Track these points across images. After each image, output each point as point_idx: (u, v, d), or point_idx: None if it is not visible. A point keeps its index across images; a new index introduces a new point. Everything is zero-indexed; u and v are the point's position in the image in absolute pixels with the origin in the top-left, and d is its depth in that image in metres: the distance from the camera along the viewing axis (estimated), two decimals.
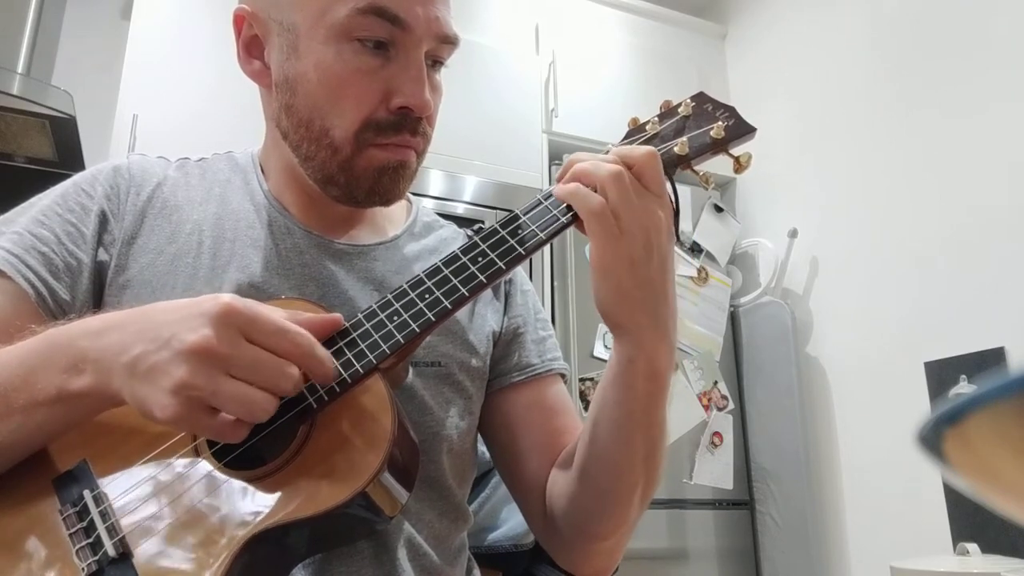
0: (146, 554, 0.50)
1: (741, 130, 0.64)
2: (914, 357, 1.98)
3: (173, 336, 0.48)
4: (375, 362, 0.55)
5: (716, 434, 2.24)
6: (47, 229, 0.65)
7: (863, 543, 2.10)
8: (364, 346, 0.56)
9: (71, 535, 0.51)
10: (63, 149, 1.91)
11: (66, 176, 0.72)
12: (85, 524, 0.51)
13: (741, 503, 2.26)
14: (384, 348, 0.56)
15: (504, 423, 0.75)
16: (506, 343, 0.77)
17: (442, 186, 2.12)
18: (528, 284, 0.83)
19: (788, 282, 2.45)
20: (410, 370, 0.67)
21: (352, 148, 0.65)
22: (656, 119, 0.66)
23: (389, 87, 0.64)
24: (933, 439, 0.19)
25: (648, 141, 0.65)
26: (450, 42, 0.68)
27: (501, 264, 0.58)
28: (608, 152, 0.61)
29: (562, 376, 0.79)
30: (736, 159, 0.64)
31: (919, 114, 2.09)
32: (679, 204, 0.62)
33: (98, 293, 0.66)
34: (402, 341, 0.56)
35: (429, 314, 0.57)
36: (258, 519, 0.51)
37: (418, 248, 0.77)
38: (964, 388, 1.85)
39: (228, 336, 0.48)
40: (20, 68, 1.93)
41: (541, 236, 0.59)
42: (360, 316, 0.58)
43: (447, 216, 0.89)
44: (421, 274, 0.59)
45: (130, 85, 1.89)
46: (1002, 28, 1.90)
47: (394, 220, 0.80)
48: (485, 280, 0.58)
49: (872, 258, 2.18)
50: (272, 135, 0.73)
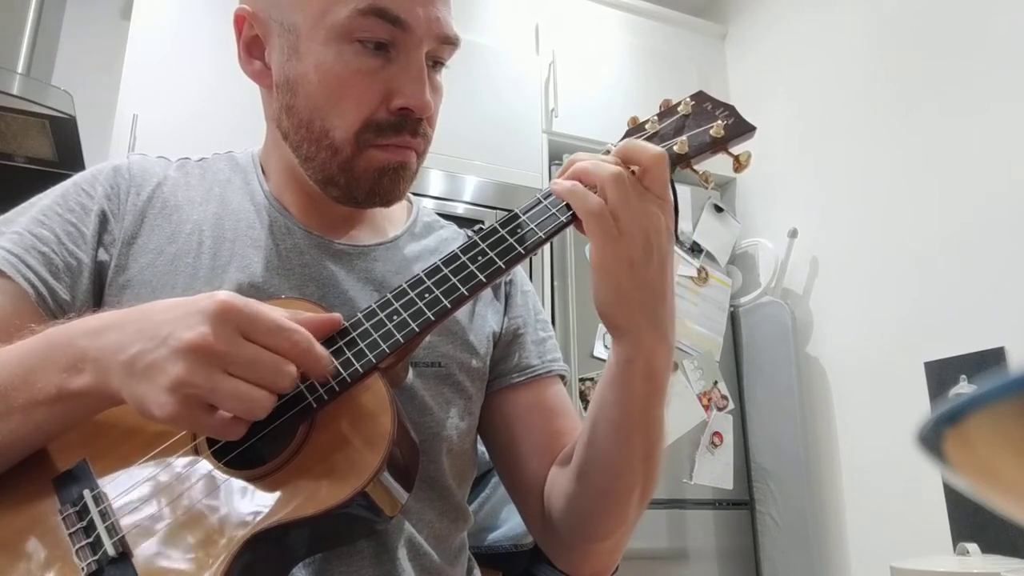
0: (146, 554, 0.50)
1: (741, 129, 0.63)
2: (914, 357, 1.98)
3: (170, 334, 0.48)
4: (375, 361, 0.55)
5: (716, 434, 2.24)
6: (47, 229, 0.65)
7: (863, 543, 2.10)
8: (364, 345, 0.56)
9: (71, 535, 0.51)
10: (63, 149, 1.91)
11: (66, 176, 0.72)
12: (85, 524, 0.51)
13: (741, 503, 2.26)
14: (384, 347, 0.56)
15: (503, 424, 0.75)
16: (506, 344, 0.77)
17: (442, 186, 2.12)
18: (528, 285, 0.83)
19: (788, 282, 2.44)
20: (410, 370, 0.66)
21: (352, 149, 0.65)
22: (655, 118, 0.66)
23: (389, 88, 0.64)
24: (933, 439, 0.19)
25: (647, 140, 0.65)
26: (451, 43, 0.68)
27: (501, 263, 0.58)
28: (609, 152, 0.61)
29: (562, 377, 0.79)
30: (736, 158, 0.63)
31: (919, 114, 2.09)
32: (678, 204, 0.62)
33: (98, 293, 0.66)
34: (401, 341, 0.56)
35: (428, 313, 0.57)
36: (258, 519, 0.51)
37: (418, 248, 0.77)
38: (964, 388, 1.85)
39: (225, 333, 0.48)
40: (20, 68, 1.93)
41: (541, 235, 0.59)
42: (360, 316, 0.58)
43: (447, 216, 0.89)
44: (420, 273, 0.59)
45: (130, 85, 1.89)
46: (1002, 28, 1.90)
47: (394, 220, 0.80)
48: (485, 279, 0.58)
49: (872, 258, 2.18)
50: (272, 135, 0.73)
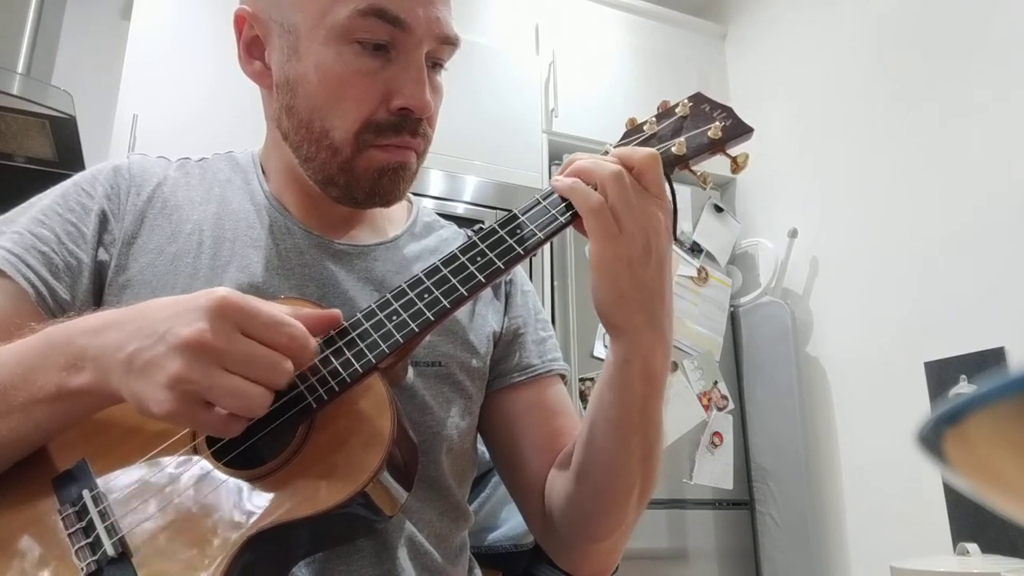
0: (145, 554, 0.50)
1: (738, 130, 0.63)
2: (914, 357, 1.98)
3: (168, 331, 0.48)
4: (374, 362, 0.55)
5: (716, 434, 2.24)
6: (47, 229, 0.65)
7: (863, 543, 2.10)
8: (363, 346, 0.56)
9: (70, 535, 0.51)
10: (63, 149, 1.91)
11: (66, 176, 0.72)
12: (84, 524, 0.51)
13: (741, 503, 2.26)
14: (383, 348, 0.56)
15: (504, 423, 0.75)
16: (506, 343, 0.77)
17: (442, 186, 2.12)
18: (528, 285, 0.83)
19: (788, 282, 2.44)
20: (410, 370, 0.66)
21: (352, 149, 0.65)
22: (654, 119, 0.66)
23: (389, 88, 0.64)
24: (933, 439, 0.19)
25: (646, 141, 0.65)
26: (451, 43, 0.68)
27: (500, 264, 0.58)
28: (607, 152, 0.61)
29: (562, 377, 0.79)
30: (733, 159, 0.63)
31: (919, 114, 2.09)
32: (677, 204, 0.62)
33: (98, 293, 0.66)
34: (401, 341, 0.56)
35: (428, 314, 0.57)
36: (257, 519, 0.51)
37: (418, 248, 0.77)
38: (964, 388, 1.85)
39: (223, 329, 0.48)
40: (20, 68, 1.93)
41: (540, 236, 0.59)
42: (359, 316, 0.58)
43: (447, 216, 0.89)
44: (420, 274, 0.59)
45: (130, 85, 1.89)
46: (1002, 28, 1.90)
47: (394, 220, 0.80)
48: (484, 280, 0.58)
49: (872, 258, 2.18)
50: (272, 136, 0.73)
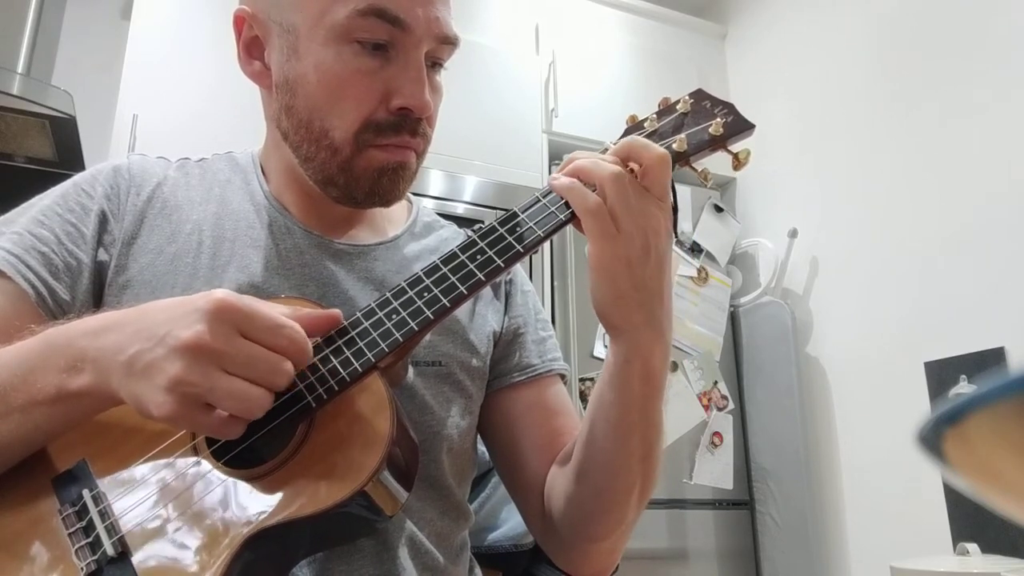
0: (145, 553, 0.50)
1: (740, 126, 0.63)
2: (914, 357, 1.98)
3: (168, 333, 0.48)
4: (373, 361, 0.55)
5: (716, 434, 2.24)
6: (47, 229, 0.65)
7: (863, 543, 2.10)
8: (363, 344, 0.56)
9: (70, 535, 0.51)
10: (63, 149, 1.91)
11: (66, 176, 0.72)
12: (84, 524, 0.51)
13: (741, 503, 2.26)
14: (383, 347, 0.55)
15: (504, 423, 0.75)
16: (506, 343, 0.77)
17: (442, 186, 2.12)
18: (528, 284, 0.83)
19: (788, 282, 2.44)
20: (410, 369, 0.66)
21: (352, 149, 0.65)
22: (654, 116, 0.66)
23: (389, 88, 0.64)
24: (933, 439, 0.19)
25: (646, 138, 0.65)
26: (450, 43, 0.67)
27: (500, 262, 0.58)
28: (608, 150, 0.61)
29: (562, 376, 0.79)
30: (735, 156, 0.63)
31: (919, 114, 2.09)
32: (678, 204, 0.62)
33: (98, 293, 0.66)
34: (401, 340, 0.56)
35: (428, 312, 0.57)
36: (257, 518, 0.51)
37: (418, 248, 0.77)
38: (964, 388, 1.85)
39: (223, 332, 0.48)
40: (20, 68, 1.93)
41: (539, 234, 0.59)
42: (359, 315, 0.57)
43: (447, 216, 0.89)
44: (420, 272, 0.59)
45: (130, 85, 1.89)
46: (1002, 28, 1.90)
47: (394, 220, 0.80)
48: (484, 278, 0.58)
49: (872, 258, 2.18)
50: (272, 136, 0.73)
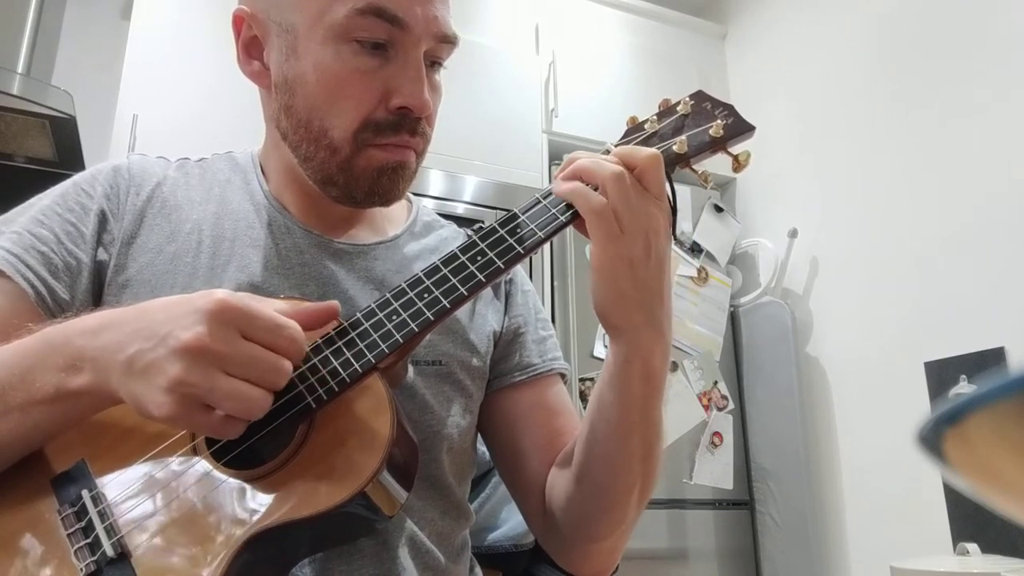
0: (145, 554, 0.50)
1: (740, 128, 0.63)
2: (914, 357, 1.98)
3: (168, 334, 0.48)
4: (374, 362, 0.55)
5: (716, 434, 2.24)
6: (46, 229, 0.65)
7: (863, 543, 2.10)
8: (363, 345, 0.56)
9: (69, 535, 0.51)
10: (63, 149, 1.91)
11: (66, 176, 0.72)
12: (83, 524, 0.51)
13: (741, 503, 2.26)
14: (383, 347, 0.55)
15: (505, 423, 0.75)
16: (507, 343, 0.77)
17: (442, 186, 2.12)
18: (528, 284, 0.83)
19: (788, 282, 2.44)
20: (410, 369, 0.66)
21: (351, 148, 0.65)
22: (655, 118, 0.66)
23: (388, 87, 0.64)
24: (933, 439, 0.19)
25: (647, 140, 0.65)
26: (449, 42, 0.67)
27: (500, 263, 0.58)
28: (608, 152, 0.61)
29: (562, 376, 0.79)
30: (735, 158, 0.63)
31: (919, 114, 2.09)
32: (677, 204, 0.62)
33: (97, 293, 0.66)
34: (401, 340, 0.56)
35: (428, 313, 0.57)
36: (257, 519, 0.51)
37: (418, 248, 0.77)
38: (964, 388, 1.85)
39: (223, 333, 0.48)
40: (20, 68, 1.93)
41: (540, 235, 0.59)
42: (359, 315, 0.57)
43: (447, 216, 0.89)
44: (420, 273, 0.59)
45: (130, 85, 1.89)
46: (1002, 28, 1.90)
47: (394, 220, 0.80)
48: (484, 279, 0.58)
49: (872, 258, 2.18)
50: (272, 135, 0.73)
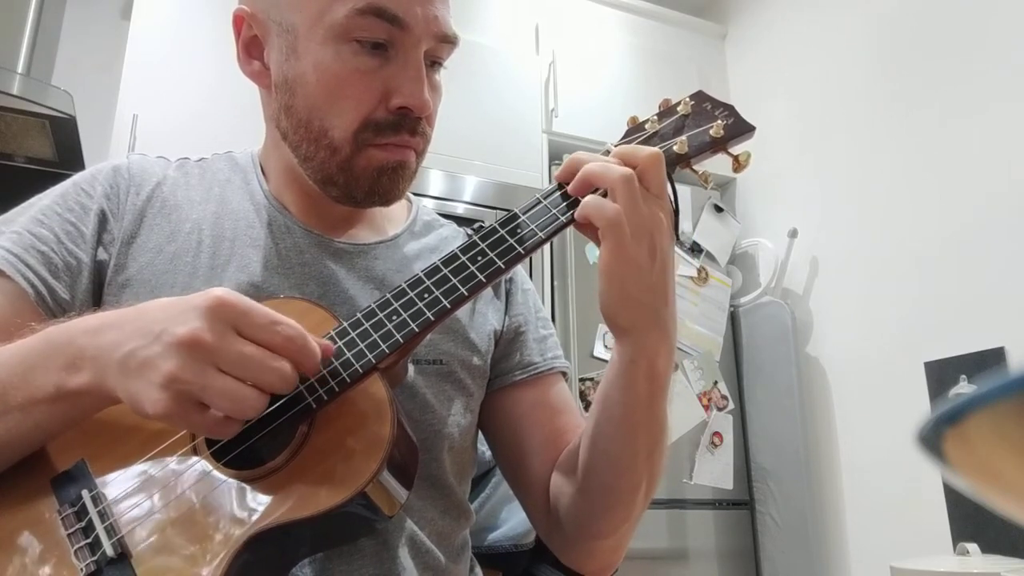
0: (145, 554, 0.50)
1: (740, 129, 0.63)
2: (914, 357, 1.98)
3: (164, 330, 0.48)
4: (374, 361, 0.55)
5: (716, 434, 2.24)
6: (47, 228, 0.66)
7: (863, 543, 2.10)
8: (363, 346, 0.56)
9: (69, 535, 0.51)
10: (63, 149, 1.91)
11: (66, 176, 0.72)
12: (83, 524, 0.51)
13: (741, 503, 2.26)
14: (383, 348, 0.55)
15: (507, 422, 0.75)
16: (508, 342, 0.77)
17: (442, 186, 2.12)
18: (528, 283, 0.83)
19: (788, 282, 2.44)
20: (410, 368, 0.66)
21: (351, 148, 0.65)
22: (655, 118, 0.66)
23: (388, 87, 0.64)
24: (933, 439, 0.19)
25: (647, 140, 0.65)
26: (449, 42, 0.67)
27: (500, 263, 0.58)
28: (608, 152, 0.61)
29: (563, 374, 0.79)
30: (735, 158, 0.63)
31: (919, 114, 2.09)
32: (679, 204, 0.62)
33: (97, 292, 0.66)
34: (401, 341, 0.56)
35: (428, 313, 0.57)
36: (256, 519, 0.51)
37: (418, 247, 0.77)
38: (964, 388, 1.85)
39: (218, 329, 0.48)
40: (20, 68, 1.93)
41: (540, 235, 0.59)
42: (359, 316, 0.57)
43: (447, 216, 0.89)
44: (420, 273, 0.59)
45: (130, 85, 1.89)
46: (1002, 28, 1.90)
47: (394, 219, 0.80)
48: (484, 279, 0.58)
49: (872, 258, 2.18)
50: (272, 135, 0.73)
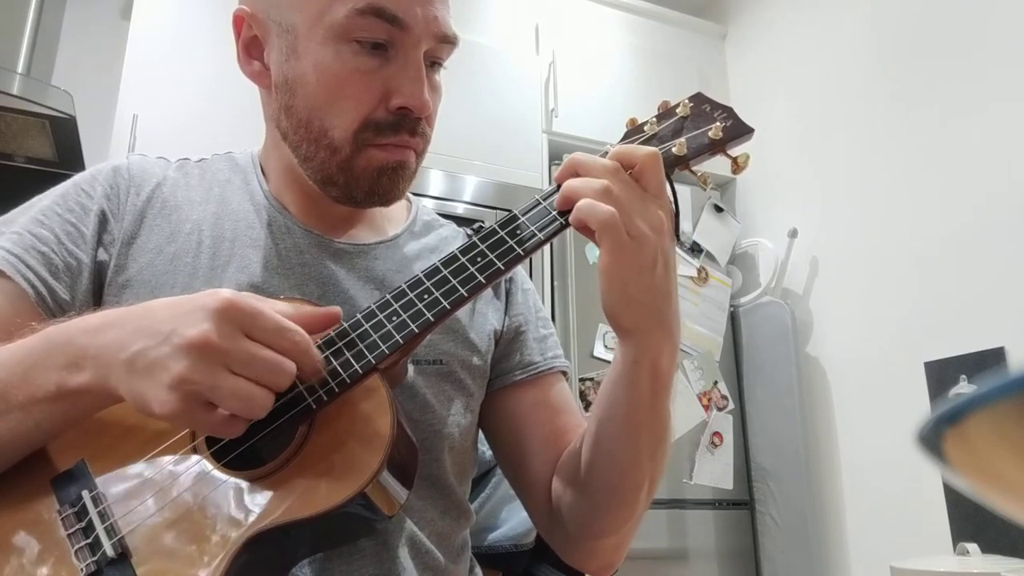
0: (145, 554, 0.50)
1: (739, 131, 0.63)
2: (914, 357, 1.98)
3: (173, 331, 0.48)
4: (374, 363, 0.55)
5: (716, 434, 2.24)
6: (47, 229, 0.66)
7: (863, 543, 2.10)
8: (363, 346, 0.56)
9: (69, 535, 0.51)
10: (63, 149, 1.91)
11: (66, 176, 0.72)
12: (84, 524, 0.51)
13: (741, 503, 2.26)
14: (383, 348, 0.56)
15: (508, 422, 0.75)
16: (508, 342, 0.77)
17: (442, 186, 2.12)
18: (528, 283, 0.83)
19: (788, 282, 2.44)
20: (410, 369, 0.66)
21: (351, 148, 0.65)
22: (654, 120, 0.66)
23: (388, 87, 0.64)
24: (933, 439, 0.19)
25: (646, 142, 0.65)
26: (449, 42, 0.68)
27: (500, 265, 0.58)
28: (606, 153, 0.61)
29: (564, 373, 0.79)
30: (734, 160, 0.63)
31: (919, 114, 2.09)
32: (679, 205, 0.62)
33: (98, 293, 0.67)
34: (401, 341, 0.56)
35: (428, 314, 0.57)
36: (256, 519, 0.51)
37: (418, 247, 0.77)
38: (964, 388, 1.85)
39: (228, 331, 0.48)
40: (20, 68, 1.93)
41: (540, 237, 0.59)
42: (359, 316, 0.58)
43: (447, 216, 0.89)
44: (420, 274, 0.59)
45: (130, 85, 1.89)
46: (1002, 28, 1.90)
47: (394, 219, 0.80)
48: (484, 280, 0.58)
49: (872, 258, 2.18)
50: (272, 136, 0.73)
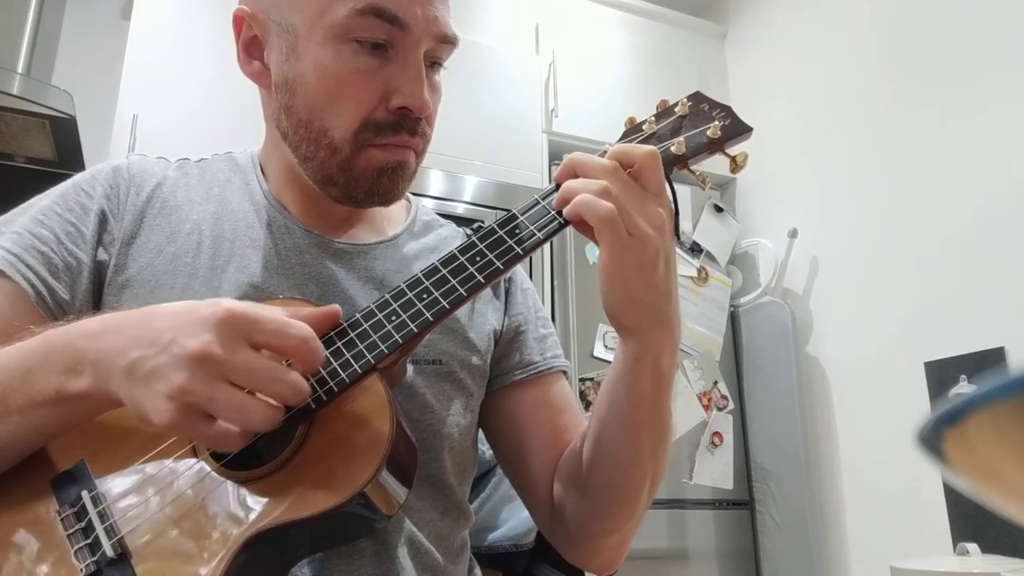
0: (144, 555, 0.50)
1: (737, 130, 0.63)
2: (914, 357, 1.98)
3: (173, 341, 0.48)
4: (373, 362, 0.55)
5: (716, 434, 2.24)
6: (47, 229, 0.66)
7: (863, 543, 2.10)
8: (362, 346, 0.56)
9: (69, 536, 0.51)
10: (63, 149, 1.91)
11: (66, 176, 0.72)
12: (83, 525, 0.51)
13: (741, 503, 2.26)
14: (382, 348, 0.55)
15: (508, 421, 0.75)
16: (507, 341, 0.77)
17: (442, 186, 2.12)
18: (528, 282, 0.83)
19: (788, 282, 2.44)
20: (409, 368, 0.66)
21: (351, 148, 0.65)
22: (653, 119, 0.66)
23: (388, 87, 0.64)
24: (933, 439, 0.19)
25: (645, 141, 0.65)
26: (449, 42, 0.68)
27: (499, 264, 0.58)
28: (605, 153, 0.61)
29: (564, 373, 0.79)
30: (732, 159, 0.63)
31: (919, 114, 2.09)
32: (678, 204, 0.62)
33: (97, 293, 0.67)
34: (400, 341, 0.56)
35: (427, 314, 0.57)
36: (256, 520, 0.51)
37: (418, 247, 0.77)
38: (964, 388, 1.85)
39: (229, 342, 0.48)
40: (20, 68, 1.93)
41: (539, 236, 0.59)
42: (358, 316, 0.58)
43: (447, 216, 0.89)
44: (419, 274, 0.59)
45: (130, 85, 1.89)
46: (1002, 28, 1.90)
47: (393, 219, 0.80)
48: (483, 280, 0.58)
49: (872, 258, 2.18)
50: (272, 135, 0.73)
